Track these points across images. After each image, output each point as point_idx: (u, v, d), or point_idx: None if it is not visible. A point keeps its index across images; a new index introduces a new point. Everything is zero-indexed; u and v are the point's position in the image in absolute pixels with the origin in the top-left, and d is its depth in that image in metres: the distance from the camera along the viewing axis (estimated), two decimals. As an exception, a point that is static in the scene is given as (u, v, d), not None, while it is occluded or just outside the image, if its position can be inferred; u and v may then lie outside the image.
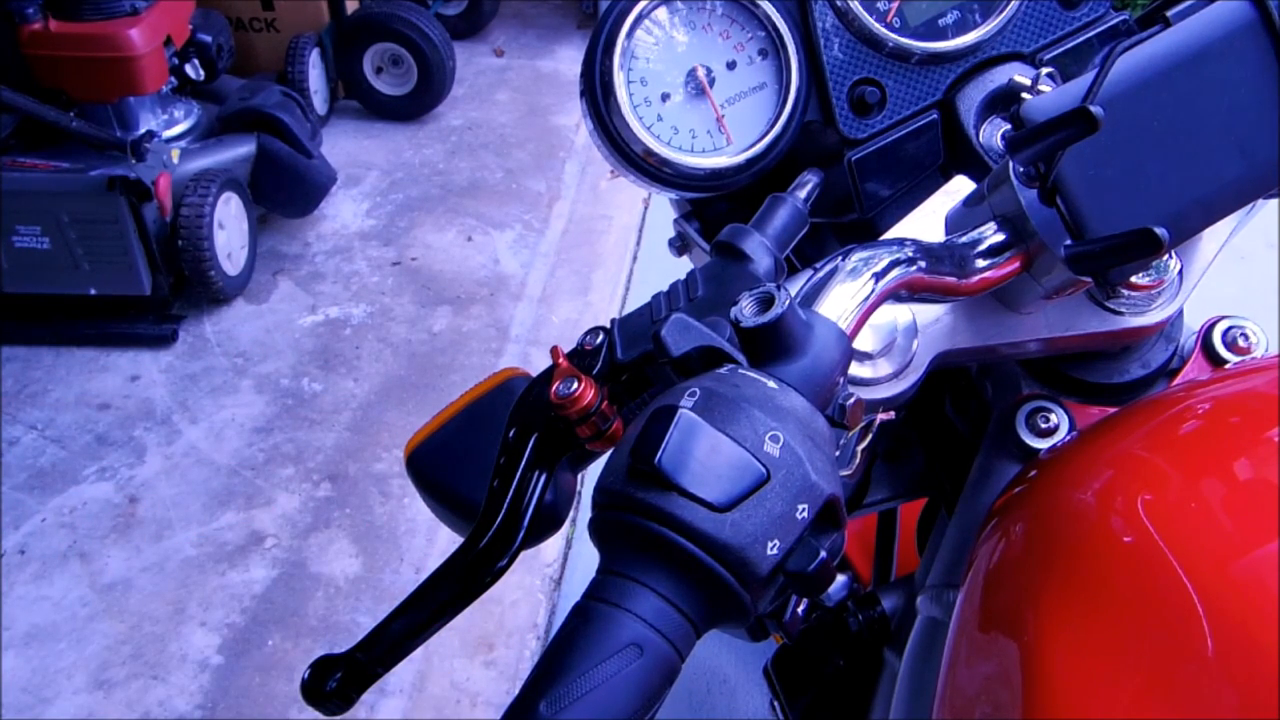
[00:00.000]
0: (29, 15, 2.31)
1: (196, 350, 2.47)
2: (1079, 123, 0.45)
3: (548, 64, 3.87)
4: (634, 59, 0.67)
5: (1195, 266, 0.65)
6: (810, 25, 0.68)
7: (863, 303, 0.46)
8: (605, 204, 3.05)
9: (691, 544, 0.33)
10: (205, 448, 2.21)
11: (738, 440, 0.34)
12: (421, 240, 2.88)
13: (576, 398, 0.46)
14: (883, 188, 0.70)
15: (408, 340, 2.52)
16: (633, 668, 0.32)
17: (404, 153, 3.27)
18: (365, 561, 1.96)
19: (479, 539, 0.46)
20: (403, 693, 1.74)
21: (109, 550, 1.98)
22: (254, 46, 3.14)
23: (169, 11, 2.49)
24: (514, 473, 0.47)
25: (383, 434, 2.24)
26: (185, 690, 1.74)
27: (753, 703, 1.73)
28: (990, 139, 0.68)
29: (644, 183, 0.69)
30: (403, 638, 0.45)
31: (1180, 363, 0.70)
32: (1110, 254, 0.48)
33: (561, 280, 2.75)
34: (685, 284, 0.52)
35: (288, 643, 1.82)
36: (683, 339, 0.40)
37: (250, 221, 2.61)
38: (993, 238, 0.53)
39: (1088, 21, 0.70)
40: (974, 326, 0.61)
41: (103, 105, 2.44)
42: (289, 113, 2.65)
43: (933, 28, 0.69)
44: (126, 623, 1.85)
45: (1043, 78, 0.67)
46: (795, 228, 0.58)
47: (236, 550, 1.98)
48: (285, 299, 2.65)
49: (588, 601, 0.34)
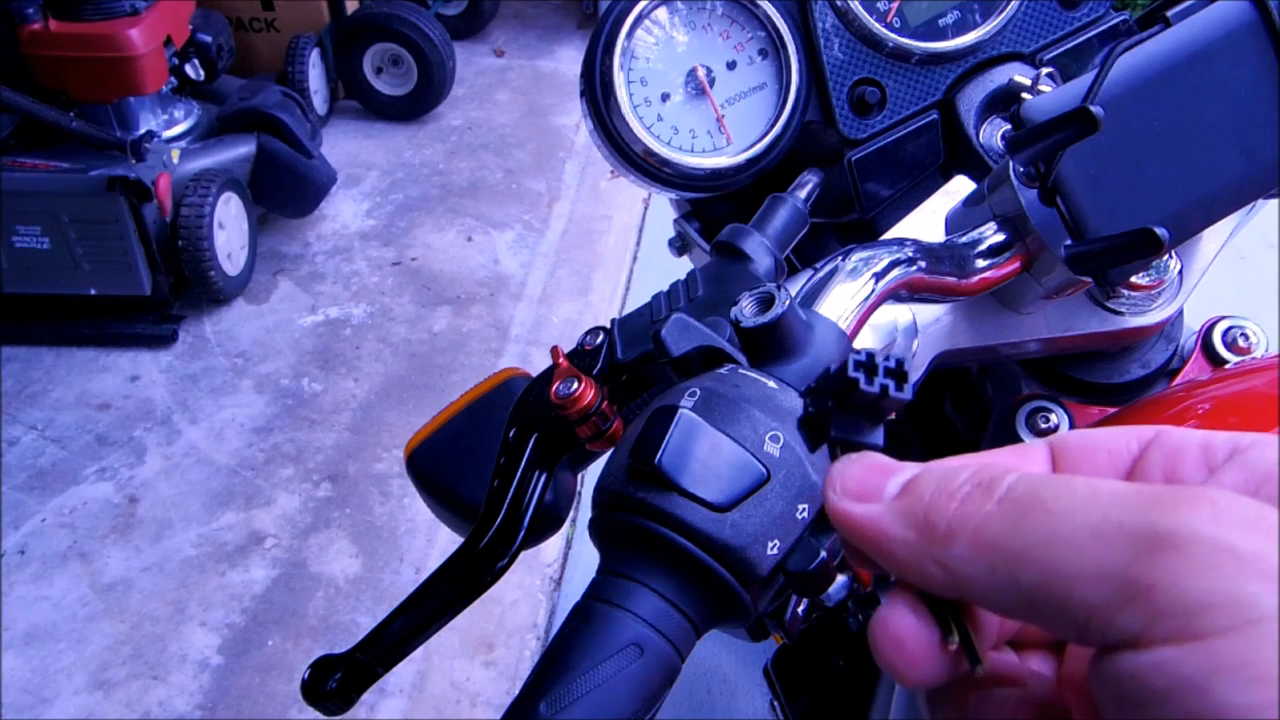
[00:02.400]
0: (29, 15, 2.31)
1: (196, 350, 2.47)
2: (1079, 123, 0.45)
3: (548, 64, 3.87)
4: (634, 59, 0.67)
5: (1195, 266, 0.65)
6: (810, 25, 0.68)
7: (863, 303, 0.46)
8: (605, 204, 3.05)
9: (692, 544, 0.33)
10: (205, 448, 2.21)
11: (738, 440, 0.34)
12: (421, 240, 2.88)
13: (576, 398, 0.46)
14: (883, 188, 0.70)
15: (408, 340, 2.52)
16: (633, 668, 0.32)
17: (404, 153, 3.27)
18: (365, 561, 1.96)
19: (479, 539, 0.46)
20: (403, 693, 1.74)
21: (109, 550, 1.98)
22: (254, 46, 3.14)
23: (169, 11, 2.49)
24: (514, 473, 0.47)
25: (383, 434, 2.24)
26: (185, 690, 1.74)
27: (753, 703, 1.73)
28: (990, 139, 0.68)
29: (644, 183, 0.69)
30: (403, 638, 0.45)
31: (1180, 363, 0.70)
32: (1110, 254, 0.48)
33: (561, 280, 2.75)
34: (685, 284, 0.52)
35: (288, 643, 1.82)
36: (683, 339, 0.40)
37: (250, 221, 2.61)
38: (993, 238, 0.53)
39: (1088, 21, 0.70)
40: (974, 326, 0.61)
41: (103, 105, 2.44)
42: (289, 113, 2.65)
43: (933, 28, 0.69)
44: (126, 623, 1.85)
45: (1043, 78, 0.67)
46: (795, 228, 0.58)
47: (236, 550, 1.98)
48: (285, 299, 2.65)
49: (588, 601, 0.34)
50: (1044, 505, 0.22)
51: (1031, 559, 0.22)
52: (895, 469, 0.28)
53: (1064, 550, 0.21)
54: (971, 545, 0.23)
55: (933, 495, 0.25)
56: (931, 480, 0.26)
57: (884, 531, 0.26)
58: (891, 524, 0.26)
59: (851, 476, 0.28)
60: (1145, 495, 0.21)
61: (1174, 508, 0.20)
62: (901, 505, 0.26)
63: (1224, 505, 0.20)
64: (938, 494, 0.25)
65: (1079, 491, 0.22)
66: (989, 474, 0.25)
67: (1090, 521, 0.21)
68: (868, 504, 0.27)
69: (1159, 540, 0.20)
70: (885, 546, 0.26)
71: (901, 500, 0.26)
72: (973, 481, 0.25)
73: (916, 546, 0.25)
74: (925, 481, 0.26)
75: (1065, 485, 0.23)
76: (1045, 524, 0.22)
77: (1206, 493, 0.20)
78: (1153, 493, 0.21)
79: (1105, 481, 0.22)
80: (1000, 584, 0.23)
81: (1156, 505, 0.20)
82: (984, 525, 0.23)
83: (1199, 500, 0.20)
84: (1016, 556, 0.22)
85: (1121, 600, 0.20)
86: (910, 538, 0.25)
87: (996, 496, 0.24)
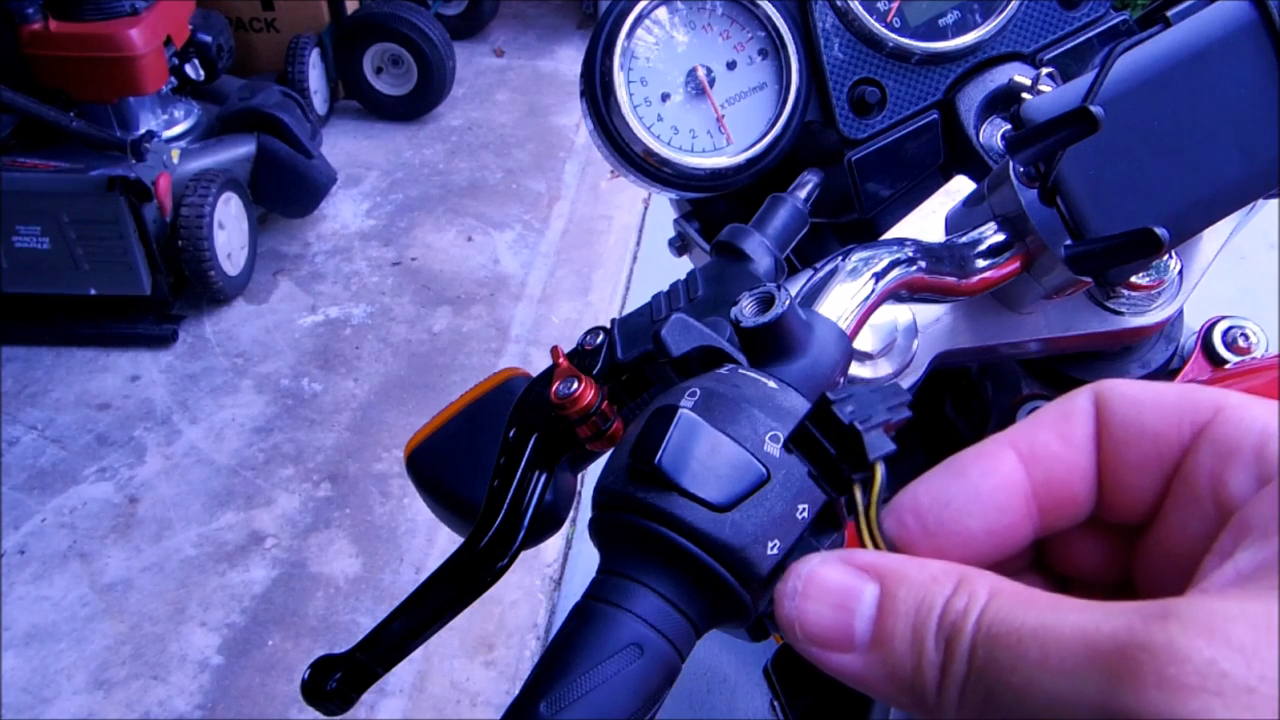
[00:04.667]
0: (29, 15, 2.31)
1: (196, 350, 2.47)
2: (1079, 123, 0.45)
3: (548, 64, 3.87)
4: (634, 59, 0.67)
5: (1195, 266, 0.65)
6: (810, 25, 0.68)
7: (863, 303, 0.46)
8: (605, 204, 3.06)
9: (692, 544, 0.33)
10: (205, 448, 2.21)
11: (738, 440, 0.34)
12: (421, 240, 2.88)
13: (576, 398, 0.46)
14: (883, 188, 0.70)
15: (408, 340, 2.52)
16: (633, 668, 0.32)
17: (404, 153, 3.28)
18: (365, 561, 1.96)
19: (479, 539, 0.46)
20: (403, 693, 1.74)
21: (109, 550, 1.98)
22: (254, 46, 3.14)
23: (169, 11, 2.49)
24: (514, 473, 0.47)
25: (383, 434, 2.24)
26: (185, 690, 1.74)
27: (753, 703, 1.73)
28: (990, 139, 0.68)
29: (644, 183, 0.69)
30: (403, 638, 0.45)
31: (1180, 363, 0.70)
32: (1110, 254, 0.48)
33: (561, 280, 2.75)
34: (685, 284, 0.52)
35: (288, 643, 1.82)
36: (683, 339, 0.40)
37: (250, 221, 2.61)
38: (993, 238, 0.53)
39: (1088, 21, 0.70)
40: (974, 326, 0.61)
41: (103, 105, 2.44)
42: (289, 113, 2.65)
43: (933, 28, 0.69)
44: (126, 623, 1.85)
45: (1043, 78, 0.67)
46: (795, 228, 0.58)
47: (236, 550, 1.98)
48: (285, 299, 2.65)
49: (588, 601, 0.34)
50: (1004, 681, 0.22)
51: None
52: (853, 597, 0.25)
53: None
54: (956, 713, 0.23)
55: (910, 655, 0.24)
56: (903, 630, 0.24)
57: (872, 688, 0.25)
58: (877, 681, 0.25)
59: (811, 620, 0.26)
60: (1097, 660, 0.21)
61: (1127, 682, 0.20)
62: (880, 662, 0.25)
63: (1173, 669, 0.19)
64: (915, 653, 0.24)
65: (1031, 656, 0.22)
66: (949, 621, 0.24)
67: (1049, 698, 0.21)
68: (841, 654, 0.25)
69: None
70: (877, 695, 0.25)
71: (877, 655, 0.25)
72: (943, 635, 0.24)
73: (910, 706, 0.24)
74: (896, 630, 0.24)
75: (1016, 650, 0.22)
76: (1011, 702, 0.22)
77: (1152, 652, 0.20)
78: (1103, 657, 0.21)
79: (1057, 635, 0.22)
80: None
81: (1109, 678, 0.20)
82: (963, 700, 0.23)
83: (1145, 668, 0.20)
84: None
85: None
86: (904, 701, 0.24)
87: (963, 658, 0.23)
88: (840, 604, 0.25)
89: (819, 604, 0.26)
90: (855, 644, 0.25)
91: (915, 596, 0.24)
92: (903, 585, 0.25)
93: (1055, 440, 0.28)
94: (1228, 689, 0.19)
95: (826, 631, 0.25)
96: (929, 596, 0.24)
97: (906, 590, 0.25)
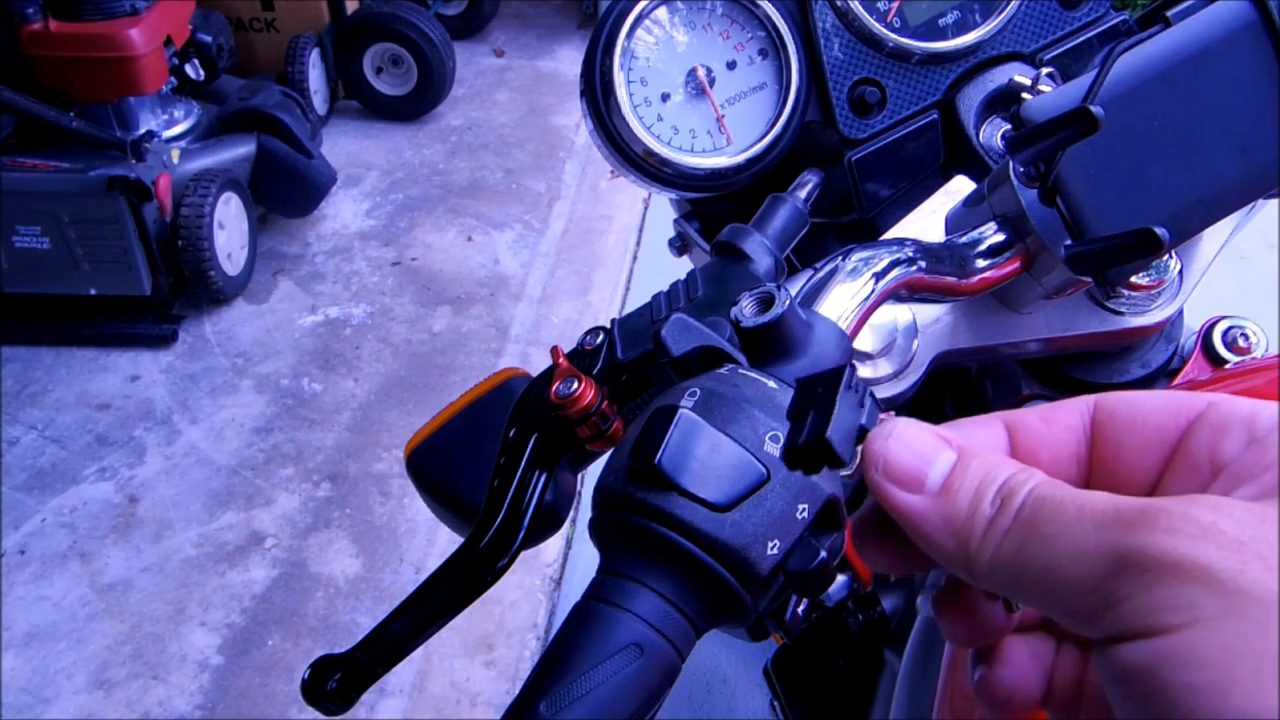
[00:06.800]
0: (29, 15, 2.31)
1: (196, 350, 2.47)
2: (1079, 123, 0.45)
3: (548, 64, 3.87)
4: (634, 59, 0.67)
5: (1195, 266, 0.65)
6: (810, 25, 0.68)
7: (863, 303, 0.46)
8: (605, 204, 3.05)
9: (692, 544, 0.33)
10: (205, 448, 2.21)
11: (738, 440, 0.34)
12: (421, 240, 2.88)
13: (576, 398, 0.46)
14: (883, 188, 0.70)
15: (408, 340, 2.52)
16: (633, 668, 0.32)
17: (404, 153, 3.27)
18: (365, 561, 1.96)
19: (479, 539, 0.46)
20: (403, 693, 1.74)
21: (109, 550, 1.98)
22: (254, 46, 3.14)
23: (169, 11, 2.49)
24: (514, 473, 0.47)
25: (383, 434, 2.24)
26: (185, 690, 1.74)
27: (753, 703, 1.73)
28: (990, 139, 0.68)
29: (644, 183, 0.69)
30: (403, 638, 0.45)
31: (1180, 363, 0.70)
32: (1110, 254, 0.48)
33: (561, 280, 2.75)
34: (685, 284, 0.52)
35: (288, 643, 1.82)
36: (683, 339, 0.40)
37: (250, 221, 2.61)
38: (993, 238, 0.53)
39: (1088, 21, 0.70)
40: (974, 326, 0.61)
41: (103, 105, 2.44)
42: (289, 113, 2.65)
43: (933, 28, 0.69)
44: (126, 623, 1.85)
45: (1043, 78, 0.67)
46: (795, 228, 0.58)
47: (236, 550, 1.98)
48: (285, 299, 2.65)
49: (588, 601, 0.34)
50: (1040, 531, 0.27)
51: (1034, 578, 0.27)
52: (934, 453, 0.30)
53: (1056, 571, 0.26)
54: (992, 563, 0.28)
55: (969, 505, 0.29)
56: (969, 485, 0.29)
57: (924, 528, 0.29)
58: (931, 523, 0.29)
59: (895, 459, 0.30)
60: (1120, 517, 0.25)
61: (1140, 528, 0.25)
62: (941, 506, 0.29)
63: (1180, 523, 0.24)
64: (973, 504, 0.29)
65: (1068, 514, 0.26)
66: (1009, 485, 0.28)
67: (1075, 546, 0.26)
68: (910, 493, 0.30)
69: (1127, 560, 0.24)
70: (924, 537, 0.30)
71: (941, 500, 0.29)
72: (1000, 494, 0.28)
73: (952, 549, 0.29)
74: (963, 485, 0.29)
75: (1058, 508, 0.27)
76: (1041, 548, 0.27)
77: (1167, 511, 0.25)
78: (1126, 515, 0.25)
79: (1092, 502, 0.26)
80: (1015, 592, 0.28)
81: (1127, 527, 0.25)
82: (1000, 548, 0.28)
83: (1158, 519, 0.24)
84: (1023, 576, 0.27)
85: (1101, 609, 0.25)
86: (948, 543, 0.29)
87: (1011, 513, 0.28)
88: (922, 455, 0.30)
89: (904, 449, 0.30)
90: (925, 488, 0.30)
91: (985, 467, 0.29)
92: (976, 458, 0.30)
93: (1041, 424, 0.32)
94: (1222, 540, 0.24)
95: (905, 473, 0.30)
96: (995, 469, 0.29)
97: (979, 462, 0.30)
